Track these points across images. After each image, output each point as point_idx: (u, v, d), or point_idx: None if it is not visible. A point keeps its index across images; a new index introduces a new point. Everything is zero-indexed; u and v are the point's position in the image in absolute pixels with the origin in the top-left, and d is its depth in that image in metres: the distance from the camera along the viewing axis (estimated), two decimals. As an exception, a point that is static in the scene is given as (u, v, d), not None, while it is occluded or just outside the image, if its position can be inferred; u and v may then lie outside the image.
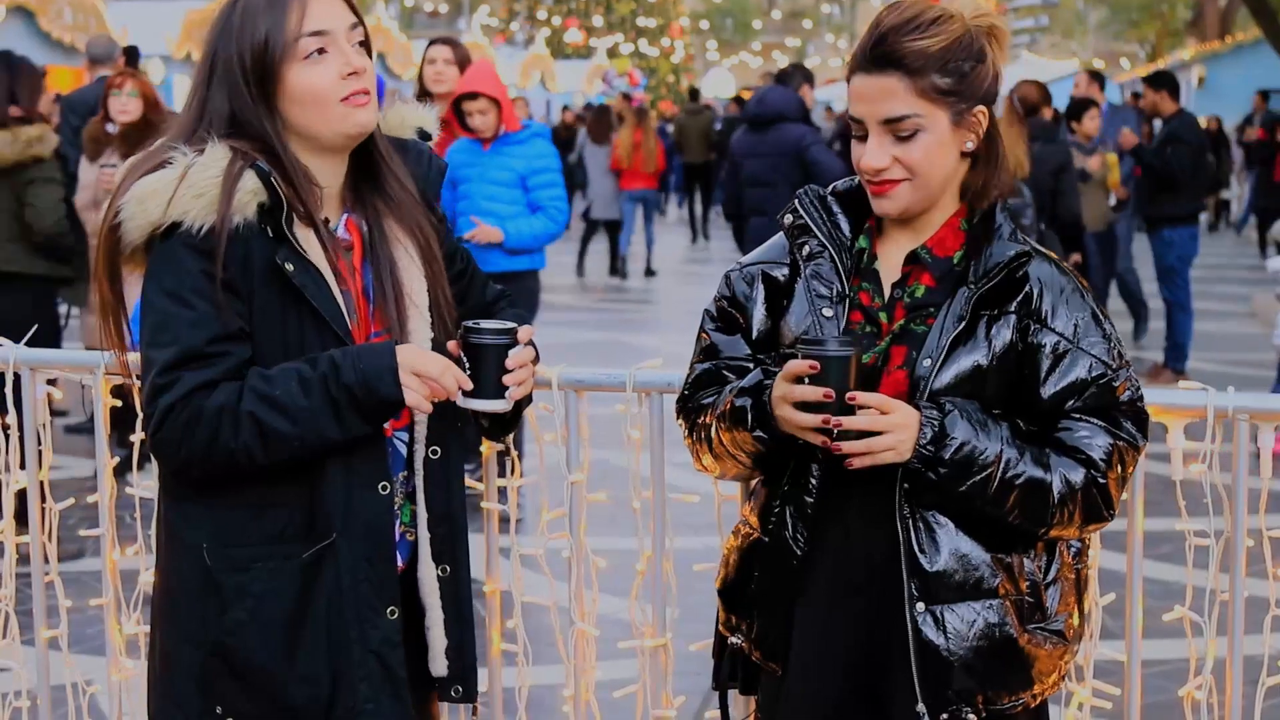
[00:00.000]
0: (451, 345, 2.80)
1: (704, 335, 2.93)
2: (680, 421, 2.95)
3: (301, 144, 2.74)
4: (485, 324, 2.77)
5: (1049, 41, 68.25)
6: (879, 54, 2.68)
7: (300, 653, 2.71)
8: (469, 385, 2.72)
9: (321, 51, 2.70)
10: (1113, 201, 12.17)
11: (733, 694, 3.04)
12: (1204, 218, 23.03)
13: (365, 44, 2.78)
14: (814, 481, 2.73)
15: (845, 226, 2.83)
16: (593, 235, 19.87)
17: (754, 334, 2.86)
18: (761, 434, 2.71)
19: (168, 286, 2.65)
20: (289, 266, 2.67)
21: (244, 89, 2.70)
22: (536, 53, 42.41)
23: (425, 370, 2.68)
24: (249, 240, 2.65)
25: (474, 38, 38.58)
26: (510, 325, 2.78)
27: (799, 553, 2.74)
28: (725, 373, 2.88)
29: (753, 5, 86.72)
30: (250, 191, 2.64)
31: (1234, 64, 33.68)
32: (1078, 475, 2.68)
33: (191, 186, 2.63)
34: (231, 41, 2.71)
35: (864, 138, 2.73)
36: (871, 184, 2.74)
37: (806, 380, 2.58)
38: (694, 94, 30.34)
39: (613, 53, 51.23)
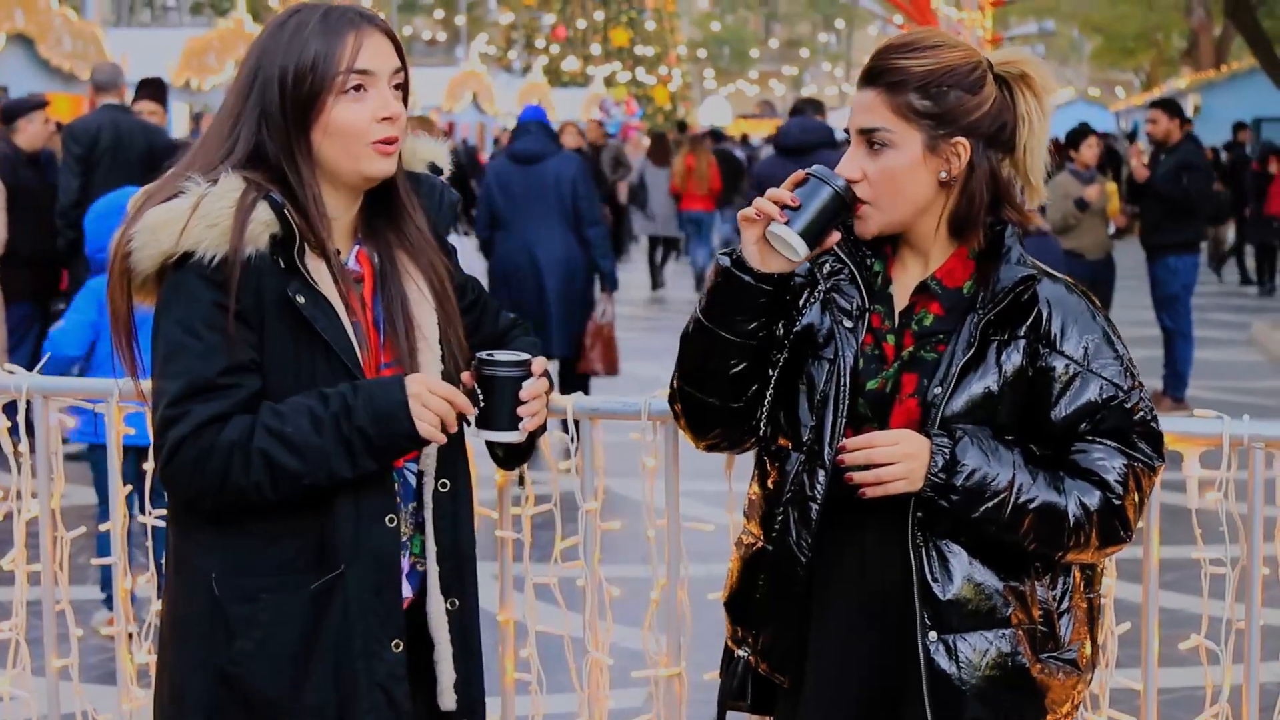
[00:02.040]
0: (465, 377, 2.80)
1: None
2: (675, 405, 2.93)
3: (320, 174, 2.74)
4: (499, 355, 2.78)
5: (1045, 70, 68.28)
6: (868, 69, 2.75)
7: (307, 684, 2.70)
8: (472, 412, 2.73)
9: (361, 89, 2.71)
10: (1112, 230, 12.16)
11: (740, 715, 3.03)
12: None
13: (403, 88, 2.78)
14: (820, 486, 2.72)
15: (864, 246, 2.84)
16: (656, 251, 21.34)
17: None
18: (748, 276, 2.71)
19: (178, 317, 2.65)
20: (300, 299, 2.67)
21: (279, 108, 2.70)
22: (534, 81, 42.50)
23: (432, 401, 2.69)
24: (261, 271, 2.65)
25: (472, 65, 38.69)
26: (524, 356, 2.78)
27: (803, 559, 2.74)
28: None
29: (750, 34, 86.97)
30: (263, 223, 2.64)
31: (1229, 93, 33.76)
32: (1093, 498, 2.69)
33: (204, 216, 2.62)
34: (277, 58, 2.70)
35: None
36: None
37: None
38: (681, 126, 31.07)
39: (610, 81, 51.39)
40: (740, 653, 2.91)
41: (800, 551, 2.74)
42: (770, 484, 2.83)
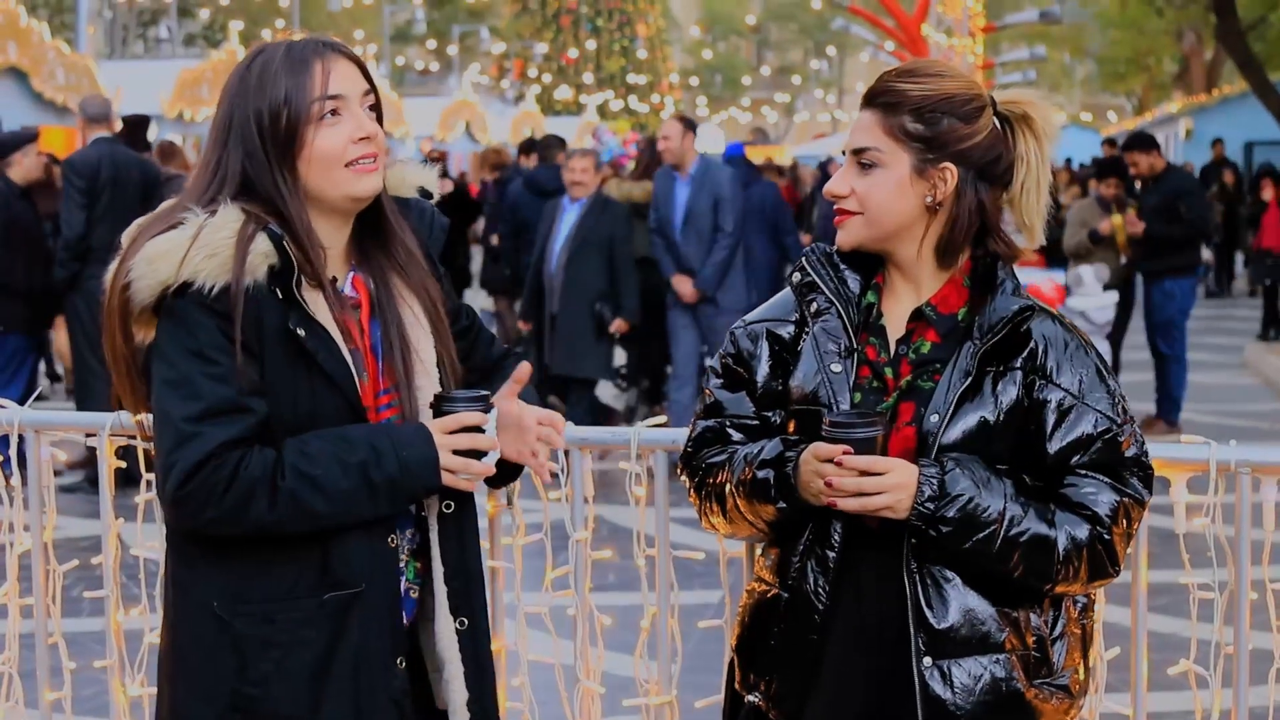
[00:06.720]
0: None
1: (708, 392, 2.95)
2: (684, 478, 2.97)
3: (310, 204, 2.76)
4: (457, 394, 2.80)
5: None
6: (868, 92, 2.81)
7: (326, 703, 2.71)
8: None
9: (335, 113, 2.73)
10: (1123, 261, 12.13)
11: None
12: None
13: (376, 109, 2.81)
14: (836, 537, 2.74)
15: (853, 283, 2.87)
16: None
17: (758, 391, 2.89)
18: (784, 505, 2.74)
19: (186, 344, 2.64)
20: (301, 332, 2.68)
21: (259, 148, 2.72)
22: (526, 110, 42.59)
23: (455, 462, 2.74)
24: (260, 302, 2.66)
25: (465, 95, 38.76)
26: (482, 392, 2.80)
27: (820, 607, 2.75)
28: (729, 430, 2.90)
29: (742, 61, 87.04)
30: (262, 254, 2.65)
31: (1221, 117, 33.80)
32: (1083, 532, 2.70)
33: (204, 246, 2.63)
34: (249, 101, 2.73)
35: None
36: (835, 213, 2.84)
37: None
38: None
39: (603, 109, 51.47)
40: (750, 699, 2.90)
41: (817, 600, 2.76)
42: (786, 533, 2.84)
